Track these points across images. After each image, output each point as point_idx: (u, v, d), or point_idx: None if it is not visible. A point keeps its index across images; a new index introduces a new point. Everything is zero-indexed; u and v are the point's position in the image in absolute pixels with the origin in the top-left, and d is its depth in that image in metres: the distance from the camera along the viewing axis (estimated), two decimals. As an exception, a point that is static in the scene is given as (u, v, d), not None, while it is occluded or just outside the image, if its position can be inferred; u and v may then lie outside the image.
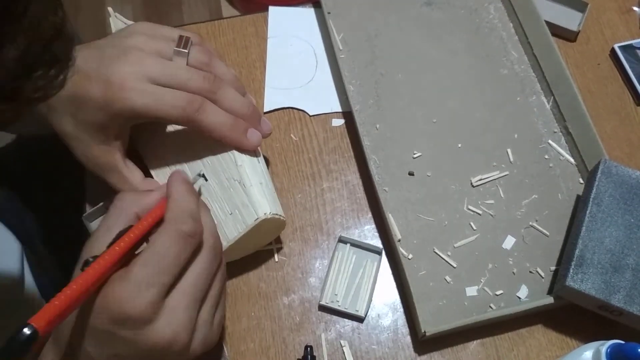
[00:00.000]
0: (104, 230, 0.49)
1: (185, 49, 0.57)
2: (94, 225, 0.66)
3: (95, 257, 0.46)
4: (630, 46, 0.78)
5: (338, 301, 0.64)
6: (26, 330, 0.40)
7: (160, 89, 0.55)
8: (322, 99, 0.75)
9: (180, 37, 0.58)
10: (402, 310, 0.64)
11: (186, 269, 0.49)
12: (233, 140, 0.59)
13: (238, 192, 0.59)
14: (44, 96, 0.36)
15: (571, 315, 0.64)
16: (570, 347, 0.63)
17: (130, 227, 0.49)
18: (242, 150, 0.61)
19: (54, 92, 0.36)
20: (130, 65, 0.55)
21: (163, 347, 0.47)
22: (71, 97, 0.55)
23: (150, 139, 0.65)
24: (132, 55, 0.56)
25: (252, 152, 0.62)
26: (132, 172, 0.61)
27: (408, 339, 0.63)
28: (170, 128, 0.65)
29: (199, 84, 0.57)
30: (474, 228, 0.67)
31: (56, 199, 0.81)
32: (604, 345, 0.50)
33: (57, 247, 0.79)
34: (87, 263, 0.46)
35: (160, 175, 0.63)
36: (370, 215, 0.69)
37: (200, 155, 0.62)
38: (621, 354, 0.49)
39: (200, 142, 0.61)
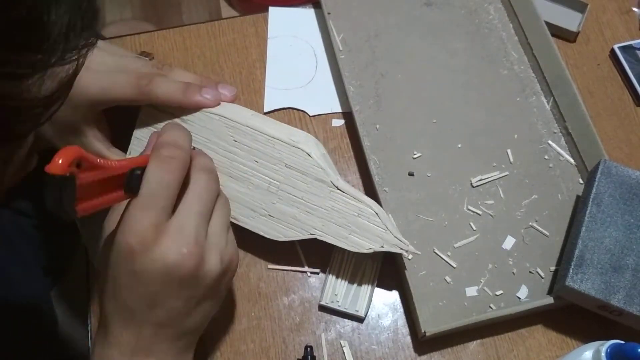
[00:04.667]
0: None
1: (146, 57, 0.64)
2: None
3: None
4: (630, 47, 0.78)
5: (338, 301, 0.64)
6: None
7: (113, 73, 0.59)
8: (322, 99, 0.75)
9: (142, 52, 0.64)
10: (402, 310, 0.64)
11: (183, 192, 0.50)
12: (190, 103, 0.62)
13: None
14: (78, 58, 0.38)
15: (571, 315, 0.64)
16: (570, 347, 0.63)
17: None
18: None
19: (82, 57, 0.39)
20: (88, 61, 0.58)
21: (175, 265, 0.47)
22: None
23: None
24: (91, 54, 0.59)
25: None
26: (118, 156, 0.64)
27: (408, 339, 0.63)
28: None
29: (149, 68, 0.61)
30: (474, 228, 0.67)
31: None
32: (604, 345, 0.50)
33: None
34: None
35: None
36: (370, 215, 0.69)
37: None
38: (621, 353, 0.49)
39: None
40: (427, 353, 0.63)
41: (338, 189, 0.60)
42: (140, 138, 0.65)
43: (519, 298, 0.64)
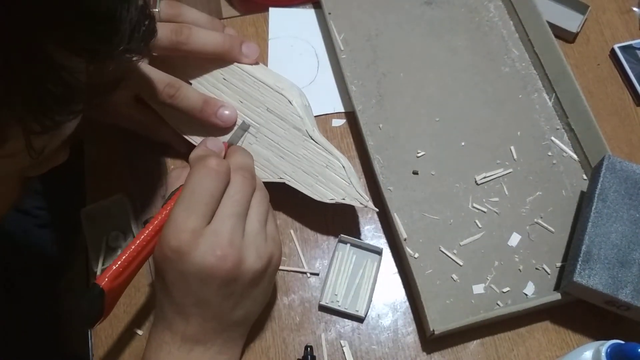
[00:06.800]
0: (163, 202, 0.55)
1: (155, 7, 0.62)
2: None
3: (148, 219, 0.53)
4: (630, 47, 0.78)
5: (338, 301, 0.63)
6: (94, 290, 0.48)
7: (142, 66, 0.61)
8: (324, 99, 0.75)
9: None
10: (402, 310, 0.64)
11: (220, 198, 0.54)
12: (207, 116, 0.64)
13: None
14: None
15: (575, 314, 0.64)
16: (570, 347, 0.63)
17: (176, 192, 0.55)
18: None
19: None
20: None
21: (212, 268, 0.50)
22: None
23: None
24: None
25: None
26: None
27: (408, 339, 0.63)
28: None
29: (169, 39, 0.61)
30: (479, 226, 0.67)
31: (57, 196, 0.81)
32: (604, 345, 0.50)
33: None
34: (144, 222, 0.53)
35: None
36: (370, 215, 0.68)
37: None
38: (621, 353, 0.49)
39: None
40: (428, 353, 0.62)
41: (312, 139, 0.63)
42: None
43: (526, 295, 0.64)
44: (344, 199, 0.62)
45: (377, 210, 0.65)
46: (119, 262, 0.51)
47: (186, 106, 0.62)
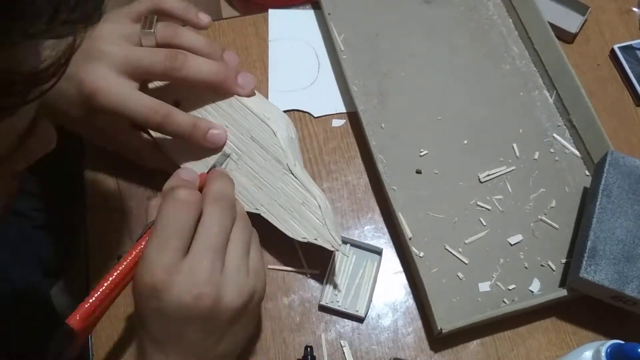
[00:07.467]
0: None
1: (151, 28, 0.59)
2: None
3: (121, 255, 0.51)
4: (630, 47, 0.79)
5: (338, 301, 0.63)
6: (64, 331, 0.46)
7: (130, 92, 0.57)
8: (326, 100, 0.74)
9: (145, 17, 0.60)
10: (402, 310, 0.64)
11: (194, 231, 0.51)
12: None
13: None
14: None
15: (577, 313, 0.64)
16: (570, 347, 0.62)
17: (151, 225, 0.52)
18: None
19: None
20: (98, 62, 0.56)
21: (190, 306, 0.48)
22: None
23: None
24: (101, 52, 0.57)
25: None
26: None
27: (408, 339, 0.62)
28: None
29: (162, 65, 0.58)
30: (484, 224, 0.67)
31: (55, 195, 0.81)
32: (604, 345, 0.50)
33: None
34: (118, 257, 0.51)
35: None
36: (370, 215, 0.68)
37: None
38: (621, 354, 0.49)
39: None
40: (428, 353, 0.62)
41: (292, 173, 0.61)
42: None
43: (532, 292, 0.64)
44: (316, 240, 0.60)
45: (347, 256, 0.65)
46: (90, 301, 0.49)
47: (176, 131, 0.59)
